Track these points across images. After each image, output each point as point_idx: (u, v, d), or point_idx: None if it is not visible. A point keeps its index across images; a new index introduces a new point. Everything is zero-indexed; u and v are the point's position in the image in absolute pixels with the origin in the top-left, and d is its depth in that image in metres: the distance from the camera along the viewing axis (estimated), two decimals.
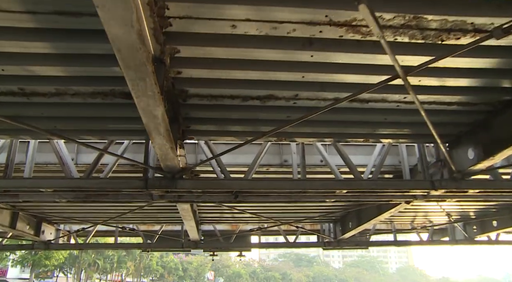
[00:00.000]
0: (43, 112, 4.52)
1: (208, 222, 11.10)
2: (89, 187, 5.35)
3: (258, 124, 4.89)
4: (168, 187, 5.28)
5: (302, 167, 5.79)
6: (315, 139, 5.43)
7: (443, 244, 12.02)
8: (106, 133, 5.11)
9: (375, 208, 8.50)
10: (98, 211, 9.22)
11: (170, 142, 4.14)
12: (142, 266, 58.10)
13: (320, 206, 9.48)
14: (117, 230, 11.41)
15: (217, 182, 5.48)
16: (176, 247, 11.27)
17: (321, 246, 11.55)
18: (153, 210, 9.50)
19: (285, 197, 5.96)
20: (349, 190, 5.66)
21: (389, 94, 4.35)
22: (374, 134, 5.35)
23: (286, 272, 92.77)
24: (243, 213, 9.90)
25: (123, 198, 5.83)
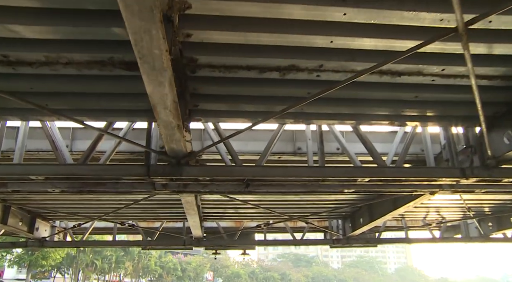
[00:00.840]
0: (32, 87, 3.98)
1: (211, 218, 10.55)
2: (85, 174, 4.80)
3: (274, 102, 4.35)
4: (172, 174, 4.74)
5: (320, 153, 5.26)
6: (336, 122, 4.90)
7: (456, 241, 11.51)
8: (104, 114, 4.56)
9: (390, 202, 7.97)
10: (95, 205, 8.67)
11: (177, 118, 3.60)
12: (141, 266, 57.49)
13: (331, 200, 8.96)
14: (116, 226, 10.86)
15: (227, 168, 4.95)
16: (178, 244, 10.71)
17: (330, 244, 11.01)
18: (153, 205, 8.96)
19: (301, 186, 5.43)
20: (371, 178, 5.13)
21: (426, 66, 3.83)
22: (401, 116, 4.83)
23: (285, 272, 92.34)
24: (247, 208, 9.39)
25: (123, 187, 5.28)
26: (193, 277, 69.30)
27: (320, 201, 8.87)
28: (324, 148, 5.74)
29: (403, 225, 11.37)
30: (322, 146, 5.29)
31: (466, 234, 11.41)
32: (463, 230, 11.59)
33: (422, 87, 4.23)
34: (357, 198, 8.76)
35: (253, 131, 6.14)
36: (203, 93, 4.22)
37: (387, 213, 8.14)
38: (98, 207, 8.73)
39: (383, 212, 8.34)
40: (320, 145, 5.29)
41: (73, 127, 5.93)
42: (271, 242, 11.23)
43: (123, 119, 4.72)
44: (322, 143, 5.31)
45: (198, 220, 8.17)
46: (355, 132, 5.33)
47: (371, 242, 11.12)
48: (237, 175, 4.90)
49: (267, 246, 13.25)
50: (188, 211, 7.36)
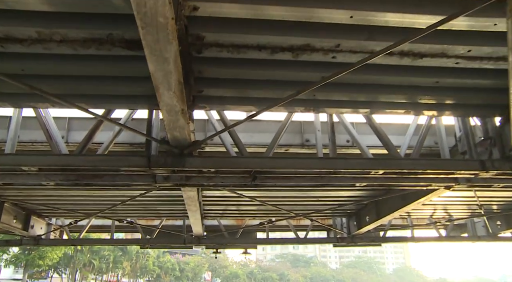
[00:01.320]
0: (23, 68, 3.67)
1: (212, 216, 10.23)
2: (81, 165, 4.48)
3: (285, 88, 4.05)
4: (175, 165, 4.44)
5: (331, 144, 4.97)
6: (349, 110, 4.59)
7: (463, 240, 11.22)
8: (101, 100, 4.25)
9: (399, 199, 7.67)
10: (92, 202, 8.34)
11: (182, 101, 3.30)
12: (139, 266, 57.11)
13: (337, 197, 8.65)
14: (114, 224, 10.53)
15: (233, 160, 4.65)
16: (178, 243, 10.39)
17: (334, 242, 10.71)
18: (153, 201, 8.64)
19: (310, 179, 5.13)
20: (386, 170, 4.83)
21: (451, 46, 3.53)
22: (418, 104, 4.54)
23: (284, 273, 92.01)
24: (249, 205, 9.08)
25: (121, 180, 4.97)
26: (191, 277, 68.90)
27: (326, 198, 8.57)
28: None
29: (409, 223, 11.09)
30: (334, 136, 5.00)
31: (473, 233, 11.13)
32: (470, 229, 11.31)
33: (444, 71, 3.94)
34: (363, 194, 8.46)
35: (259, 122, 5.86)
36: (209, 76, 3.92)
37: (396, 210, 7.84)
38: (95, 204, 8.41)
39: (391, 209, 8.04)
40: (332, 135, 5.00)
41: (69, 118, 5.63)
42: (273, 241, 10.93)
43: (122, 106, 4.41)
44: (333, 133, 5.01)
45: (200, 217, 7.86)
46: (368, 122, 5.04)
47: (376, 240, 10.83)
48: (243, 166, 4.60)
49: (269, 244, 12.86)
50: (189, 207, 7.05)
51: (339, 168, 4.70)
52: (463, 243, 11.46)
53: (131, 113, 5.28)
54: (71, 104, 3.72)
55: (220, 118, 4.76)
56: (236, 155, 4.98)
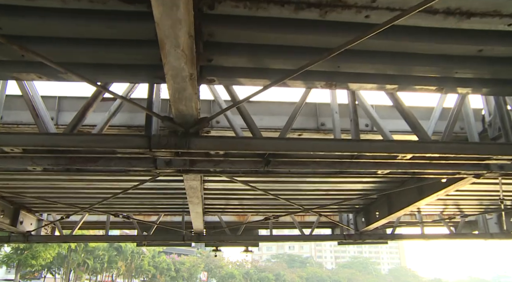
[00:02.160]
0: (1, 25, 3.11)
1: (213, 211, 9.68)
2: (73, 146, 3.93)
3: (307, 57, 3.51)
4: (179, 146, 3.89)
5: (353, 125, 4.44)
6: (374, 86, 4.06)
7: (475, 238, 10.75)
8: (95, 70, 3.69)
9: (415, 191, 7.17)
10: (86, 194, 7.77)
11: (191, 63, 2.77)
12: (134, 266, 56.35)
13: (346, 190, 8.14)
14: (108, 220, 9.97)
15: (245, 141, 4.10)
16: (176, 239, 9.83)
17: (341, 239, 10.19)
18: (150, 194, 8.09)
19: (328, 165, 4.60)
20: (414, 155, 4.32)
21: (507, 1, 3.01)
22: (453, 79, 4.02)
23: (280, 273, 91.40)
24: (252, 199, 8.54)
25: (118, 164, 4.42)
26: (186, 277, 68.16)
27: (335, 191, 8.05)
28: (348, 125, 4.94)
29: (419, 219, 10.60)
30: (356, 116, 4.47)
31: (486, 230, 10.65)
32: (482, 226, 10.84)
33: (491, 37, 3.42)
34: (375, 187, 7.94)
35: (270, 104, 5.34)
36: (220, 41, 3.37)
37: (411, 204, 7.35)
38: (89, 197, 7.84)
39: (405, 203, 7.54)
40: (354, 115, 4.47)
41: (60, 97, 5.06)
42: (277, 238, 10.40)
43: (119, 77, 3.84)
44: (356, 113, 4.48)
45: (201, 210, 7.32)
46: (393, 102, 4.53)
47: (384, 237, 10.33)
48: (257, 149, 4.05)
49: (273, 242, 12.29)
50: (191, 200, 6.51)
51: (363, 151, 4.17)
52: (474, 241, 10.96)
53: (128, 92, 4.74)
54: (62, 69, 3.16)
55: (229, 94, 4.22)
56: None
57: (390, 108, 5.56)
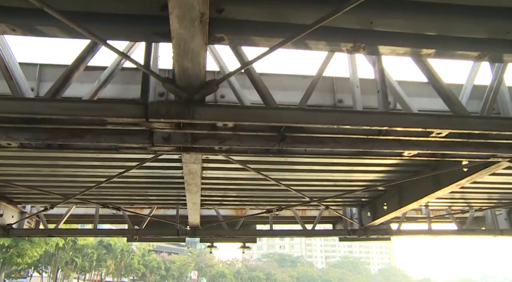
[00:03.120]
0: None
1: (209, 204, 9.05)
2: (55, 114, 3.29)
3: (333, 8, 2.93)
4: (180, 116, 3.29)
5: (382, 96, 3.86)
6: (408, 50, 3.48)
7: (484, 234, 10.25)
8: (87, 23, 3.06)
9: (430, 181, 6.63)
10: (72, 181, 7.10)
11: (202, 2, 2.18)
12: (123, 265, 55.40)
13: (353, 180, 7.58)
14: (97, 213, 9.29)
15: (259, 111, 3.51)
16: (170, 234, 9.18)
17: (344, 235, 9.63)
18: (142, 183, 7.45)
19: (350, 143, 4.02)
20: (451, 131, 3.75)
21: None
22: (502, 42, 3.47)
23: (271, 272, 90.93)
24: (251, 190, 7.95)
25: (108, 140, 3.79)
26: (177, 276, 67.32)
27: (342, 181, 7.49)
28: (369, 102, 4.39)
29: (426, 214, 10.09)
30: (385, 86, 3.89)
31: (495, 226, 10.18)
32: (491, 222, 10.37)
33: None
34: (384, 178, 7.38)
35: (282, 77, 4.75)
36: None
37: (425, 195, 6.80)
38: (75, 185, 7.17)
39: (419, 194, 6.99)
40: (382, 85, 3.89)
41: (41, 64, 4.41)
42: (278, 233, 9.81)
43: (112, 34, 3.20)
44: (384, 83, 3.90)
45: (199, 201, 6.70)
46: (426, 73, 3.95)
47: (390, 233, 9.80)
48: (272, 120, 3.45)
49: (273, 236, 11.70)
50: (189, 188, 5.90)
51: (394, 125, 3.60)
52: (482, 237, 10.49)
53: (121, 61, 4.12)
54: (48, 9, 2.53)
55: (238, 57, 3.62)
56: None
57: (416, 85, 5.03)
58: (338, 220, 11.07)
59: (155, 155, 4.35)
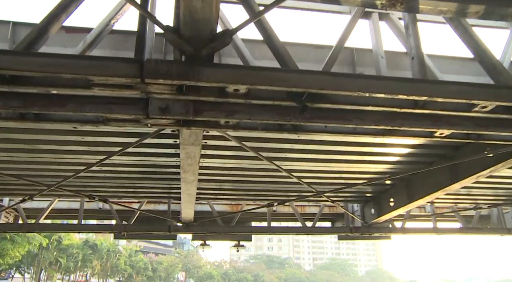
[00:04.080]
0: None
1: (204, 197, 8.41)
2: (30, 70, 2.67)
3: None
4: (183, 76, 2.69)
5: (417, 63, 3.30)
6: (453, 7, 2.94)
7: (491, 233, 9.82)
8: None
9: (446, 172, 6.11)
10: (52, 168, 6.42)
11: None
12: (109, 265, 54.20)
13: (359, 173, 7.05)
14: (82, 207, 8.60)
15: (278, 74, 2.92)
16: (161, 230, 8.52)
17: (347, 232, 9.08)
18: (131, 173, 6.81)
19: (376, 120, 3.46)
20: (498, 104, 3.22)
21: None
22: None
23: (259, 274, 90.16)
24: (248, 182, 7.36)
25: (94, 110, 3.17)
26: (164, 277, 66.17)
27: (349, 173, 6.95)
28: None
29: (431, 212, 9.60)
30: (421, 52, 3.34)
31: (502, 224, 9.74)
32: (498, 220, 9.93)
33: None
34: (394, 169, 6.84)
35: (295, 47, 4.16)
36: None
37: (441, 188, 6.28)
38: (57, 174, 6.50)
39: (432, 187, 6.47)
40: (417, 51, 3.33)
41: (14, 22, 3.75)
42: (276, 230, 9.21)
43: None
44: (420, 49, 3.34)
45: (195, 191, 6.08)
46: (464, 38, 3.42)
47: (394, 231, 9.28)
48: (293, 85, 2.87)
49: (271, 234, 11.08)
50: (185, 176, 5.29)
51: (435, 96, 3.05)
52: (489, 236, 10.05)
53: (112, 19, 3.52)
54: None
55: (246, 8, 3.04)
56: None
57: (446, 60, 4.50)
58: (338, 218, 10.53)
59: (146, 136, 3.74)
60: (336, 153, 5.93)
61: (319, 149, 5.82)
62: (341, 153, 5.93)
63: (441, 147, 5.87)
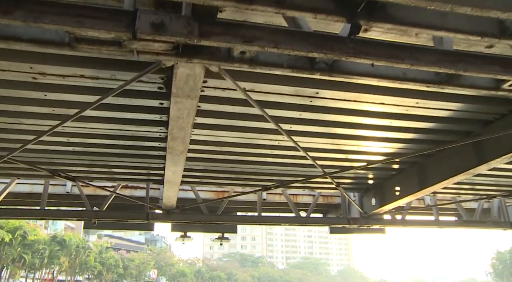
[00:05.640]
0: None
1: (187, 182, 7.40)
2: None
3: None
4: None
5: None
6: None
7: (493, 227, 9.22)
8: None
9: (470, 152, 5.37)
10: (4, 138, 5.32)
11: None
12: (78, 262, 52.07)
13: (370, 153, 6.25)
14: (46, 191, 7.48)
15: None
16: (138, 218, 7.48)
17: (344, 223, 8.27)
18: (105, 148, 5.78)
19: (435, 62, 2.62)
20: None
21: None
22: None
23: (232, 272, 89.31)
24: (241, 162, 6.47)
25: (57, 21, 2.19)
26: (135, 275, 64.24)
27: (353, 153, 6.13)
28: None
29: (433, 203, 8.92)
30: None
31: (504, 218, 9.17)
32: (498, 214, 9.35)
33: None
34: (408, 148, 6.04)
35: None
36: None
37: (462, 172, 5.54)
38: (11, 145, 5.40)
39: (452, 171, 5.72)
40: None
41: None
42: (267, 219, 8.28)
43: None
44: None
45: (182, 168, 5.10)
46: None
47: (395, 223, 8.56)
48: None
49: (262, 224, 10.01)
50: (173, 144, 4.32)
51: None
52: (491, 230, 9.47)
53: None
54: None
55: None
56: None
57: None
58: (331, 209, 9.76)
59: (125, 83, 2.77)
60: (350, 126, 5.10)
61: (331, 120, 4.97)
62: (355, 126, 5.10)
63: (469, 121, 5.11)
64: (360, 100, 4.49)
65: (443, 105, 4.60)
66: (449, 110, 4.75)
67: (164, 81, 3.98)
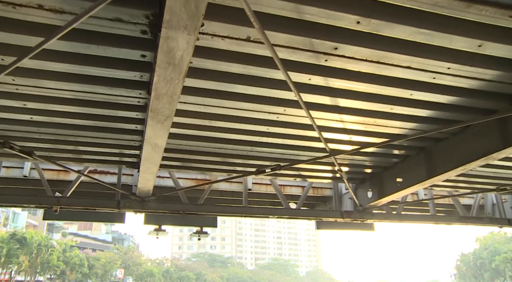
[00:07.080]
0: None
1: (165, 166, 6.48)
2: None
3: None
4: None
5: None
6: None
7: (491, 224, 8.74)
8: None
9: (495, 133, 4.74)
10: None
11: None
12: (39, 261, 49.53)
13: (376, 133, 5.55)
14: None
15: None
16: (107, 206, 6.49)
17: (337, 217, 7.54)
18: (70, 117, 4.84)
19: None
20: None
21: None
22: None
23: (201, 272, 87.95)
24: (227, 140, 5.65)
25: None
26: (100, 274, 61.78)
27: (359, 134, 5.42)
28: None
29: (430, 196, 8.35)
30: None
31: (500, 215, 8.70)
32: (493, 211, 8.89)
33: None
34: (418, 129, 5.36)
35: None
36: None
37: (484, 156, 4.89)
38: None
39: (472, 156, 5.06)
40: None
41: None
42: (255, 211, 7.42)
43: None
44: None
45: (164, 141, 4.21)
46: None
47: (390, 218, 7.91)
48: None
49: (249, 216, 9.12)
50: (157, 105, 3.44)
51: None
52: (489, 227, 8.98)
53: None
54: None
55: None
56: None
57: None
58: (319, 202, 9.06)
59: None
60: (363, 97, 4.37)
61: (343, 88, 4.24)
62: (370, 98, 4.38)
63: (496, 96, 4.45)
64: (384, 61, 3.76)
65: (478, 73, 3.91)
66: (482, 80, 4.07)
67: (149, 21, 3.12)
